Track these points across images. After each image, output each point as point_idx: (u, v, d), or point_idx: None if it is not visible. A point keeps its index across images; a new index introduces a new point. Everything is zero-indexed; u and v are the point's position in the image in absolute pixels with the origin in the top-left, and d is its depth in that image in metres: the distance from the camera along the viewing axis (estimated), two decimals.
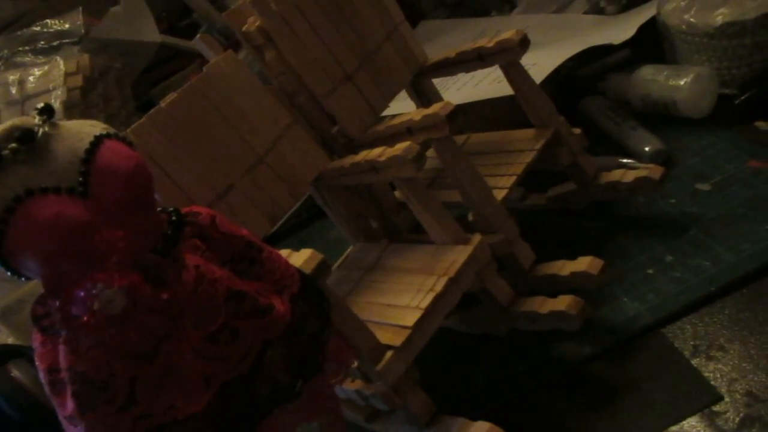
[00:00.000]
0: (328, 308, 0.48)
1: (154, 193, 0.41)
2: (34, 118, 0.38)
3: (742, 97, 0.75)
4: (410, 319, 0.53)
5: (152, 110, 0.55)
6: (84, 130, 0.39)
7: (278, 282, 0.45)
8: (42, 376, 0.40)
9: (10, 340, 0.86)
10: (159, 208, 0.42)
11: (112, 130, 0.40)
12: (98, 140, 0.38)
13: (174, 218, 0.41)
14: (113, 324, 0.37)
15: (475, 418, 0.53)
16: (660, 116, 0.79)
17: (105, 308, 0.36)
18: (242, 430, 0.43)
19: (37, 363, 0.40)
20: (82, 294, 0.36)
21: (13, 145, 0.36)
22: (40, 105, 0.40)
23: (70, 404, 0.38)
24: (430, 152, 0.62)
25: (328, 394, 0.48)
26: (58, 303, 0.37)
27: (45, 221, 0.35)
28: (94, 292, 0.36)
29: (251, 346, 0.42)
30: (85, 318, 0.36)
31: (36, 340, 0.40)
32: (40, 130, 0.37)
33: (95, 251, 0.36)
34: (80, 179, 0.37)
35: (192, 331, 0.40)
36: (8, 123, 0.38)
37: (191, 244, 0.41)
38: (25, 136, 0.37)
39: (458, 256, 0.56)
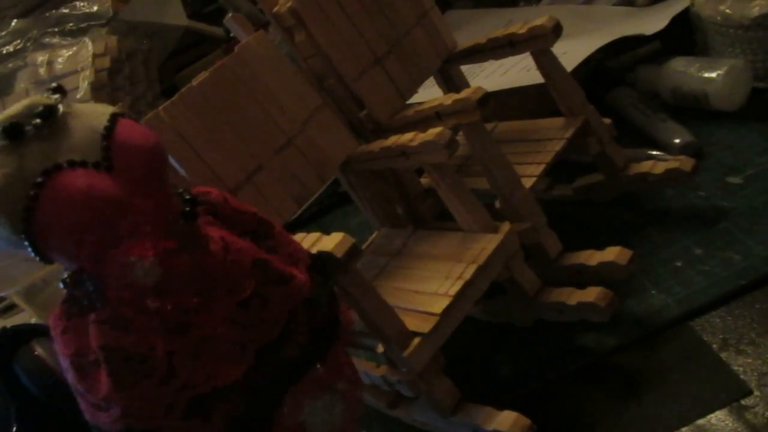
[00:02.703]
0: (333, 285, 0.48)
1: (168, 170, 0.41)
2: (49, 98, 0.38)
3: None
4: (438, 306, 0.52)
5: (183, 89, 0.56)
6: (98, 109, 0.39)
7: (292, 255, 0.45)
8: (67, 362, 0.39)
9: (34, 320, 0.87)
10: None
11: (124, 110, 0.41)
12: (114, 117, 0.39)
13: (187, 197, 0.41)
14: (149, 295, 0.37)
15: (499, 408, 0.53)
16: (690, 109, 0.78)
17: (140, 280, 0.36)
18: (275, 397, 0.44)
19: (59, 350, 0.39)
20: (116, 267, 0.36)
21: (37, 120, 0.37)
22: (53, 85, 0.40)
23: (104, 385, 0.38)
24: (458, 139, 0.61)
25: (346, 363, 0.48)
26: (92, 279, 0.37)
27: (77, 194, 0.36)
28: (128, 264, 0.36)
29: (280, 313, 0.43)
30: (122, 291, 0.37)
31: (56, 328, 0.39)
32: (60, 107, 0.38)
33: (127, 222, 0.37)
34: (104, 154, 0.37)
35: (225, 299, 0.40)
36: (26, 101, 0.38)
37: (206, 221, 0.41)
38: (47, 113, 0.37)
39: (487, 244, 0.56)
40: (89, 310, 0.38)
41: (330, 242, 0.47)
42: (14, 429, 0.68)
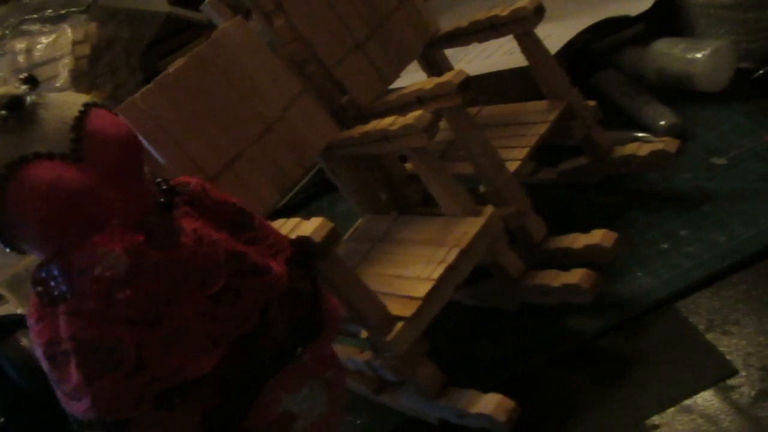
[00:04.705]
0: (316, 276, 0.47)
1: (143, 161, 0.40)
2: (18, 88, 0.38)
3: (760, 72, 0.73)
4: (421, 290, 0.52)
5: (160, 76, 0.55)
6: (70, 99, 0.39)
7: (272, 246, 0.45)
8: (40, 351, 0.39)
9: (19, 311, 0.86)
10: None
11: (99, 100, 0.40)
12: (87, 107, 0.38)
13: (164, 187, 0.41)
14: (117, 288, 0.37)
15: (484, 392, 0.53)
16: (675, 90, 0.77)
17: (107, 272, 0.36)
18: (248, 392, 0.43)
19: (33, 339, 0.39)
20: (84, 259, 0.36)
21: (3, 112, 0.36)
22: (23, 75, 0.39)
23: (74, 376, 0.38)
24: (442, 124, 0.61)
25: (329, 354, 0.48)
26: (60, 270, 0.37)
27: (43, 186, 0.35)
28: (95, 256, 0.36)
29: (254, 306, 0.42)
30: (89, 283, 0.36)
31: (31, 316, 0.39)
32: (28, 98, 0.37)
33: (95, 215, 0.37)
34: (73, 145, 0.37)
35: (196, 292, 0.40)
36: None
37: (184, 211, 0.41)
38: (13, 104, 0.36)
39: (470, 227, 0.55)
40: (60, 300, 0.38)
41: (309, 227, 0.46)
42: (1, 420, 0.67)
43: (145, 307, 0.38)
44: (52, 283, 0.38)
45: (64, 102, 0.38)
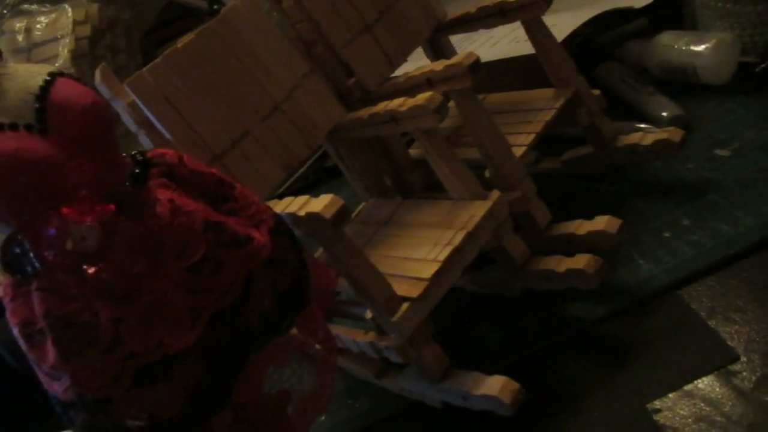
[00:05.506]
0: (301, 247, 0.47)
1: (115, 131, 0.39)
2: None
3: (763, 65, 0.74)
4: (427, 271, 0.52)
5: (168, 50, 0.54)
6: (35, 69, 0.38)
7: (253, 216, 0.44)
8: (16, 331, 0.38)
9: None
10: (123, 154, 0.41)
11: (65, 71, 0.39)
12: (52, 77, 0.37)
13: (140, 158, 0.40)
14: (89, 262, 0.36)
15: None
16: (678, 83, 0.78)
17: (79, 245, 0.35)
18: (234, 364, 0.42)
19: (9, 319, 0.38)
20: (52, 232, 0.35)
21: None
22: None
23: (51, 354, 0.37)
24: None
25: (320, 327, 0.47)
26: (30, 244, 0.36)
27: (5, 158, 0.34)
28: (66, 229, 0.35)
29: (235, 276, 0.41)
30: (59, 257, 0.36)
31: (6, 296, 0.38)
32: None
33: (62, 185, 0.36)
34: (37, 115, 0.36)
35: (174, 263, 0.39)
36: None
37: (160, 182, 0.40)
38: None
39: (476, 211, 0.55)
40: (33, 276, 0.37)
41: (319, 204, 0.46)
42: None
43: (121, 280, 0.37)
44: (24, 260, 0.37)
45: (28, 72, 0.37)
